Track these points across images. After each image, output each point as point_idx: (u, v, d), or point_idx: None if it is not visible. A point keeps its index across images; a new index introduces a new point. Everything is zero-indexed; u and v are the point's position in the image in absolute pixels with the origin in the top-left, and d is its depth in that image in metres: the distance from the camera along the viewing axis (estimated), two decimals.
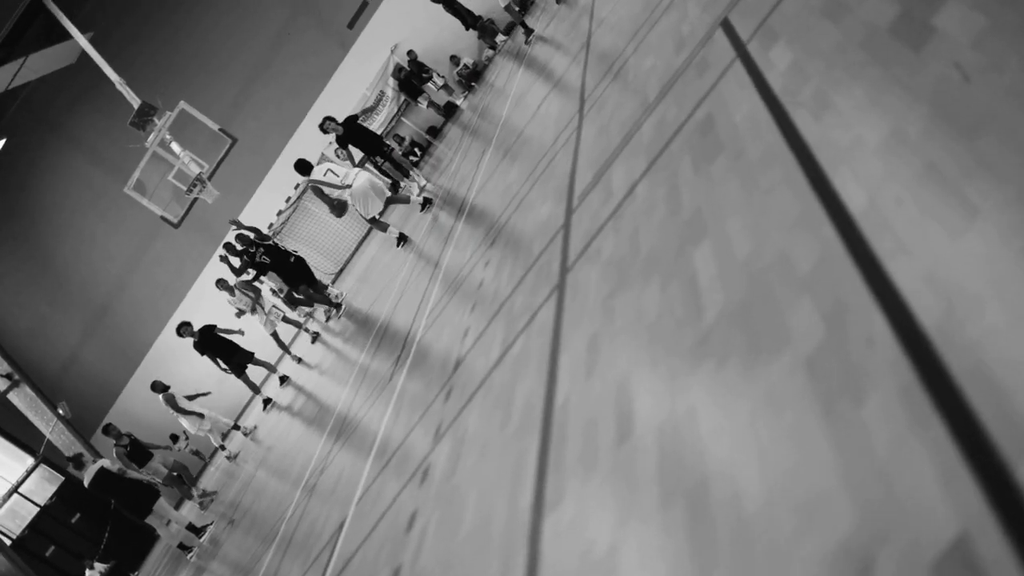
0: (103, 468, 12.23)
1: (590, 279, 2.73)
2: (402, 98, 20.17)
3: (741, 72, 2.66)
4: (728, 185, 2.16)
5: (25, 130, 20.49)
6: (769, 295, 1.61)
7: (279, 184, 21.12)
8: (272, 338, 15.75)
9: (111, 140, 19.99)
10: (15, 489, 18.21)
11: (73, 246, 21.46)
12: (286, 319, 16.17)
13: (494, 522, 2.17)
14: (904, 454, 1.08)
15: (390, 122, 20.71)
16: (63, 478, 18.39)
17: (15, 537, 17.45)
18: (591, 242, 2.99)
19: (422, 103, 18.80)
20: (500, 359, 3.16)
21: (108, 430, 14.30)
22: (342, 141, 12.29)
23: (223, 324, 15.08)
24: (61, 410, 17.14)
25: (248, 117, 20.85)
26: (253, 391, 15.85)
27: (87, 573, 16.47)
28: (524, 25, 14.63)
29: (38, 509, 17.96)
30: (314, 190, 11.07)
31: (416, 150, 20.49)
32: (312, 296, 13.81)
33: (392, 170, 12.60)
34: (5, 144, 20.43)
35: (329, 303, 14.26)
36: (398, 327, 7.39)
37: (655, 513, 1.48)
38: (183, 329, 14.69)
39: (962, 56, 1.56)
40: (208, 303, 18.36)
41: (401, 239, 11.14)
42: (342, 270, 21.25)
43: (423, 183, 12.89)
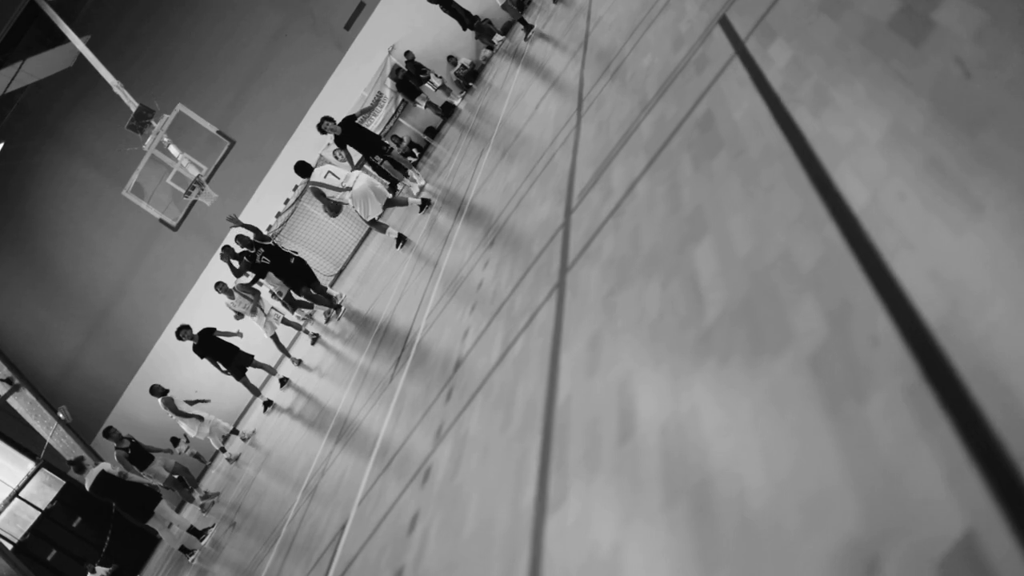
0: (104, 471, 12.23)
1: (590, 278, 2.72)
2: (400, 99, 20.17)
3: (740, 69, 2.65)
4: (728, 182, 2.15)
5: (22, 135, 20.47)
6: (771, 293, 1.61)
7: (277, 186, 21.13)
8: (272, 340, 15.75)
9: (109, 143, 19.98)
10: (16, 493, 18.19)
11: (72, 250, 21.45)
12: (285, 321, 16.17)
13: (497, 523, 2.17)
14: (910, 452, 1.07)
15: (388, 123, 20.70)
16: (64, 482, 18.37)
17: (16, 541, 17.43)
18: (591, 241, 2.99)
19: (420, 104, 18.79)
20: (501, 359, 3.15)
21: (109, 433, 14.31)
22: (340, 141, 12.26)
23: (222, 327, 15.07)
24: (61, 414, 17.13)
25: (246, 119, 20.85)
26: (253, 393, 15.84)
27: None
28: (523, 22, 14.63)
29: (39, 513, 17.94)
30: (313, 191, 11.06)
31: (414, 151, 20.47)
32: (314, 297, 13.80)
33: (392, 170, 12.59)
34: (2, 149, 20.41)
35: (330, 304, 14.27)
36: (398, 328, 7.38)
37: (659, 512, 1.48)
38: (183, 332, 14.70)
39: (963, 51, 1.56)
40: (207, 306, 18.36)
41: (400, 240, 11.14)
42: (341, 271, 21.24)
43: (422, 183, 12.89)
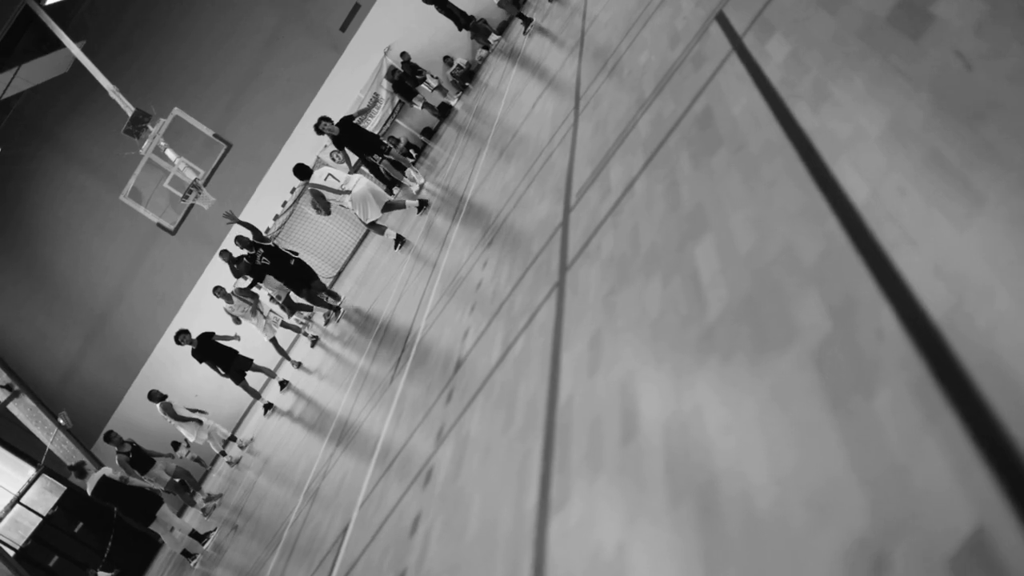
0: (105, 476, 12.22)
1: (590, 277, 2.71)
2: (396, 100, 20.15)
3: (738, 65, 2.64)
4: (728, 179, 2.14)
5: (19, 140, 20.44)
6: (774, 289, 1.60)
7: (275, 188, 21.12)
8: (271, 344, 15.73)
9: (105, 148, 19.95)
10: (17, 500, 18.17)
11: (70, 256, 21.42)
12: (284, 324, 16.16)
13: (499, 524, 2.16)
14: (917, 447, 1.06)
15: (385, 124, 20.68)
16: (65, 488, 18.35)
17: (18, 548, 17.41)
18: (590, 239, 2.98)
19: (416, 104, 18.78)
20: (501, 359, 3.14)
21: (110, 437, 14.29)
22: (339, 142, 12.22)
23: (221, 331, 15.06)
24: (62, 420, 17.11)
25: (242, 122, 20.82)
26: (253, 397, 15.83)
27: None
28: (522, 16, 14.61)
29: (40, 519, 17.92)
30: (313, 193, 11.04)
31: (411, 151, 20.46)
32: (315, 298, 13.78)
33: (391, 170, 12.56)
34: None
35: (329, 306, 14.26)
36: (397, 329, 7.37)
37: (664, 512, 1.47)
38: (181, 337, 14.68)
39: (963, 43, 1.55)
40: (206, 310, 18.35)
41: (398, 241, 11.13)
42: (340, 273, 21.22)
43: (422, 180, 12.88)
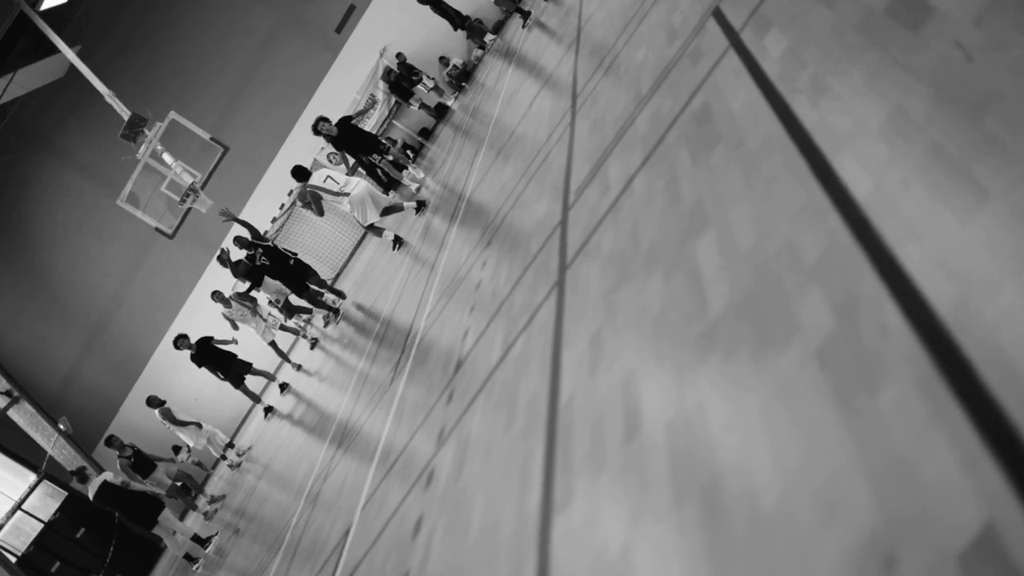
0: (106, 481, 12.22)
1: (590, 275, 2.70)
2: (393, 100, 20.13)
3: (736, 61, 2.63)
4: (728, 175, 2.13)
5: (15, 146, 20.42)
6: (776, 285, 1.58)
7: (272, 191, 21.10)
8: (271, 347, 15.72)
9: (102, 153, 19.94)
10: (18, 506, 18.17)
11: (68, 261, 21.40)
12: (284, 327, 16.15)
13: (502, 525, 2.14)
14: (924, 443, 1.05)
15: (381, 125, 20.66)
16: (66, 493, 18.35)
17: (20, 554, 17.40)
18: (590, 237, 2.96)
19: (413, 105, 18.76)
20: (501, 359, 3.13)
21: (111, 441, 14.28)
22: (337, 142, 12.18)
23: (220, 335, 15.05)
24: (62, 425, 17.10)
25: (239, 125, 20.81)
26: (253, 400, 15.83)
27: None
28: (520, 11, 14.57)
29: (42, 525, 17.92)
30: (311, 194, 11.02)
31: (408, 152, 20.45)
32: (315, 299, 13.76)
33: (391, 169, 12.54)
34: None
35: (329, 308, 14.24)
36: (397, 330, 7.36)
37: (668, 511, 1.45)
38: (180, 342, 14.67)
39: (963, 35, 1.53)
40: (206, 313, 18.32)
41: (397, 242, 11.11)
42: (338, 275, 21.20)
43: (421, 176, 12.87)
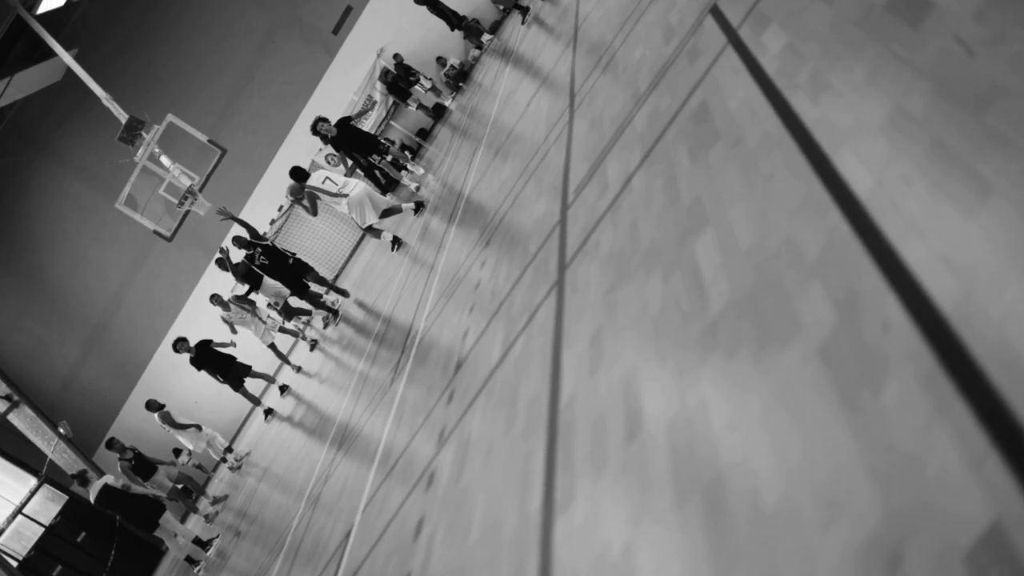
0: (107, 484, 12.20)
1: (590, 274, 2.69)
2: (391, 101, 20.11)
3: (734, 58, 2.62)
4: (727, 173, 2.12)
5: (13, 150, 20.40)
6: (776, 283, 1.58)
7: (270, 193, 21.06)
8: (270, 349, 15.70)
9: (100, 156, 19.92)
10: (19, 510, 18.14)
11: (67, 265, 21.38)
12: (283, 329, 16.13)
13: (504, 526, 2.13)
14: (929, 440, 1.04)
15: (379, 126, 20.64)
16: (67, 497, 18.33)
17: (21, 559, 17.38)
18: (589, 236, 2.96)
19: (411, 105, 18.74)
20: (501, 359, 3.12)
21: (112, 444, 14.24)
22: (336, 143, 12.15)
23: (219, 338, 15.02)
24: (62, 429, 17.08)
25: (236, 127, 20.79)
26: (253, 403, 15.81)
27: None
28: (519, 7, 14.56)
29: (43, 529, 17.89)
30: (308, 194, 11.00)
31: (406, 152, 20.42)
32: (315, 300, 13.73)
33: (391, 169, 12.52)
34: None
35: (328, 308, 14.23)
36: (396, 331, 7.35)
37: (670, 511, 1.45)
38: (179, 345, 14.64)
39: (964, 29, 1.53)
40: (205, 316, 18.30)
41: (395, 242, 11.09)
42: (337, 276, 21.18)
43: (421, 172, 12.88)
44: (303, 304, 15.29)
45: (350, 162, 12.96)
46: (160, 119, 17.97)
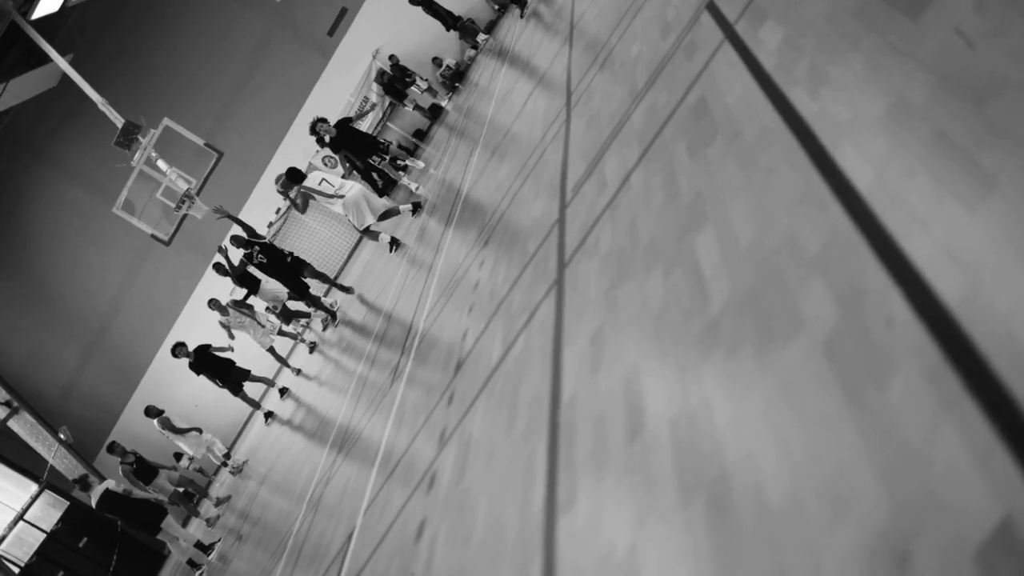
0: (108, 489, 12.19)
1: (589, 272, 2.68)
2: (387, 102, 20.10)
3: (731, 53, 2.60)
4: (726, 169, 2.10)
5: (9, 156, 20.38)
6: (778, 279, 1.56)
7: (268, 196, 21.04)
8: (269, 353, 15.69)
9: (97, 161, 19.89)
10: (21, 516, 18.13)
11: (66, 270, 21.35)
12: (282, 332, 16.11)
13: (506, 527, 2.12)
14: (935, 436, 1.03)
15: (376, 127, 20.62)
16: (68, 503, 18.31)
17: (23, 565, 17.37)
18: (588, 235, 2.94)
19: (407, 106, 18.73)
20: (502, 359, 3.11)
21: (113, 448, 14.21)
22: (336, 144, 12.11)
23: (218, 342, 15.01)
24: (63, 435, 17.06)
25: (233, 131, 20.76)
26: (253, 407, 15.79)
27: None
28: (517, 1, 14.55)
29: (44, 535, 17.88)
30: (302, 195, 10.98)
31: (404, 152, 20.39)
32: (314, 300, 13.71)
33: (391, 169, 12.50)
34: None
35: (327, 309, 14.21)
36: (396, 333, 7.33)
37: (674, 510, 1.43)
38: (178, 350, 14.62)
39: (964, 21, 1.51)
40: (204, 319, 18.28)
41: (393, 244, 11.07)
42: (336, 278, 21.16)
43: (422, 166, 12.90)
44: (301, 307, 15.27)
45: (347, 164, 12.94)
46: (156, 123, 17.96)
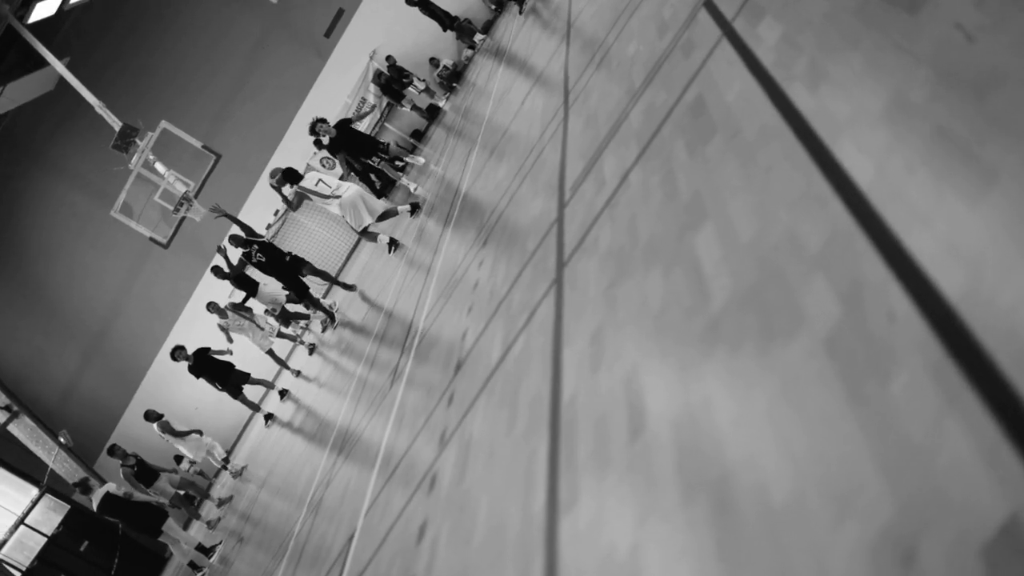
0: (109, 492, 12.19)
1: (589, 271, 2.67)
2: (385, 103, 20.09)
3: (729, 50, 2.60)
4: (726, 166, 2.10)
5: (7, 160, 20.37)
6: (779, 276, 1.56)
7: (266, 198, 21.02)
8: (268, 355, 15.68)
9: (95, 164, 19.87)
10: (22, 520, 18.12)
11: (65, 273, 21.35)
12: (281, 334, 16.11)
13: (508, 527, 2.12)
14: (939, 432, 1.02)
15: (374, 128, 20.61)
16: (69, 507, 18.31)
17: (24, 569, 17.36)
18: (587, 233, 2.94)
19: (405, 107, 18.72)
20: (502, 359, 3.10)
21: (113, 451, 14.20)
22: (335, 144, 12.09)
23: (216, 346, 15.00)
24: (63, 439, 17.05)
25: (230, 133, 20.75)
26: (252, 409, 15.78)
27: None
28: None
29: (45, 539, 17.87)
30: (296, 195, 10.97)
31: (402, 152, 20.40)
32: (314, 301, 13.70)
33: (390, 169, 12.48)
34: None
35: (326, 310, 14.20)
36: (395, 334, 7.32)
37: (677, 509, 1.43)
38: (177, 353, 14.60)
39: (963, 15, 1.51)
40: (203, 322, 18.28)
41: (392, 244, 11.06)
42: (335, 279, 21.14)
43: (422, 162, 12.89)
44: (300, 309, 15.25)
45: (346, 165, 12.94)
46: (154, 126, 17.95)
